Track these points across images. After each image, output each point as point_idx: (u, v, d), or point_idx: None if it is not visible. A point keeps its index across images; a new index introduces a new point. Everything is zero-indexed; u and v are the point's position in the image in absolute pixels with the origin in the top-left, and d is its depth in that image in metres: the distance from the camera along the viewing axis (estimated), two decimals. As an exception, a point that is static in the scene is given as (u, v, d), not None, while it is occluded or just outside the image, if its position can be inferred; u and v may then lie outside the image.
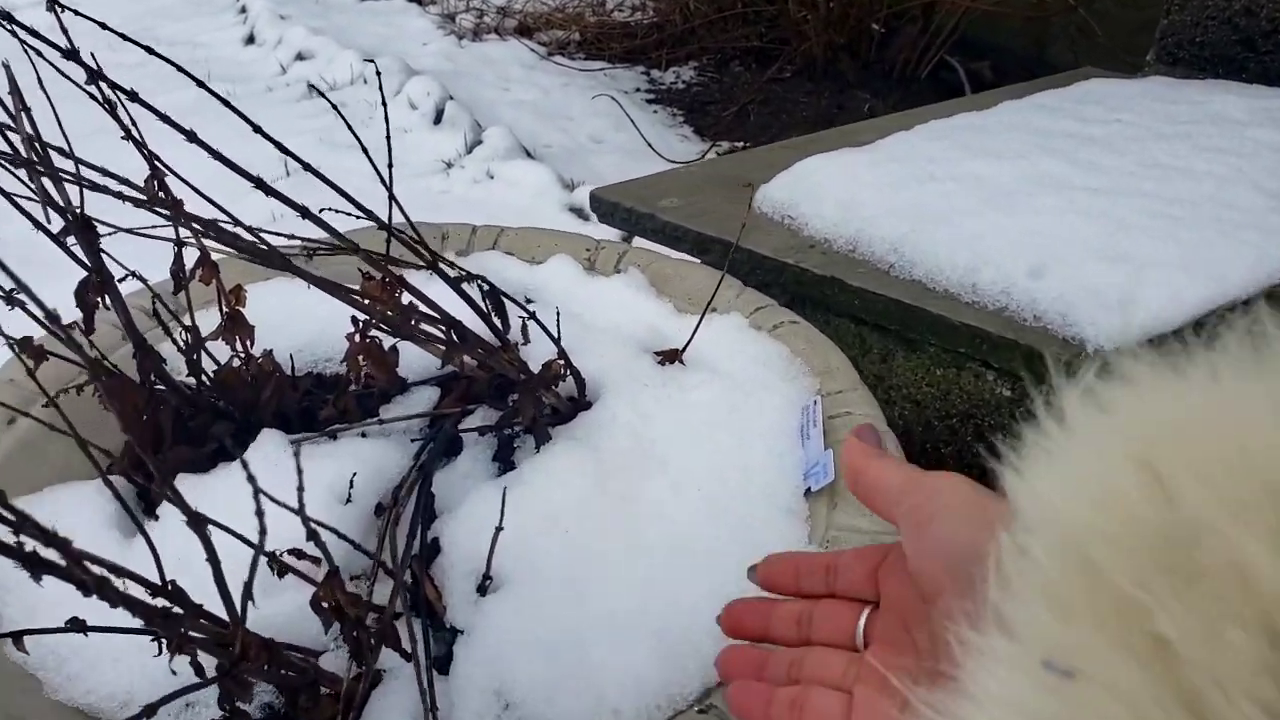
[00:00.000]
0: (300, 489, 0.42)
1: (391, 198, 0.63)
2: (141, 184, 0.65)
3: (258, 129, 0.57)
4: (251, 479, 0.39)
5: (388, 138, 0.65)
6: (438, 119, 3.13)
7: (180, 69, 0.60)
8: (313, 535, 0.46)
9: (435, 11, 4.31)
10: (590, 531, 0.63)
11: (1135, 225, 0.94)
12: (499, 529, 0.59)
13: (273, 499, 0.47)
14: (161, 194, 0.60)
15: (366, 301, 0.61)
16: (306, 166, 0.61)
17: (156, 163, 0.62)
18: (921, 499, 0.41)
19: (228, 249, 0.68)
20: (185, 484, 0.68)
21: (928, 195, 1.01)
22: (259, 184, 0.54)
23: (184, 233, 0.71)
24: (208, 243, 0.71)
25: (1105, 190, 1.00)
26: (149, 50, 0.63)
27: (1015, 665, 0.25)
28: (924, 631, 0.40)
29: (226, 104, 0.58)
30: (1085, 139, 1.13)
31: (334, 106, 0.70)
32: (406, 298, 0.69)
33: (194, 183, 0.79)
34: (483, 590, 0.59)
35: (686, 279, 0.92)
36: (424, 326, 0.65)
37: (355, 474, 0.65)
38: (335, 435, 0.71)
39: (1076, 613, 0.24)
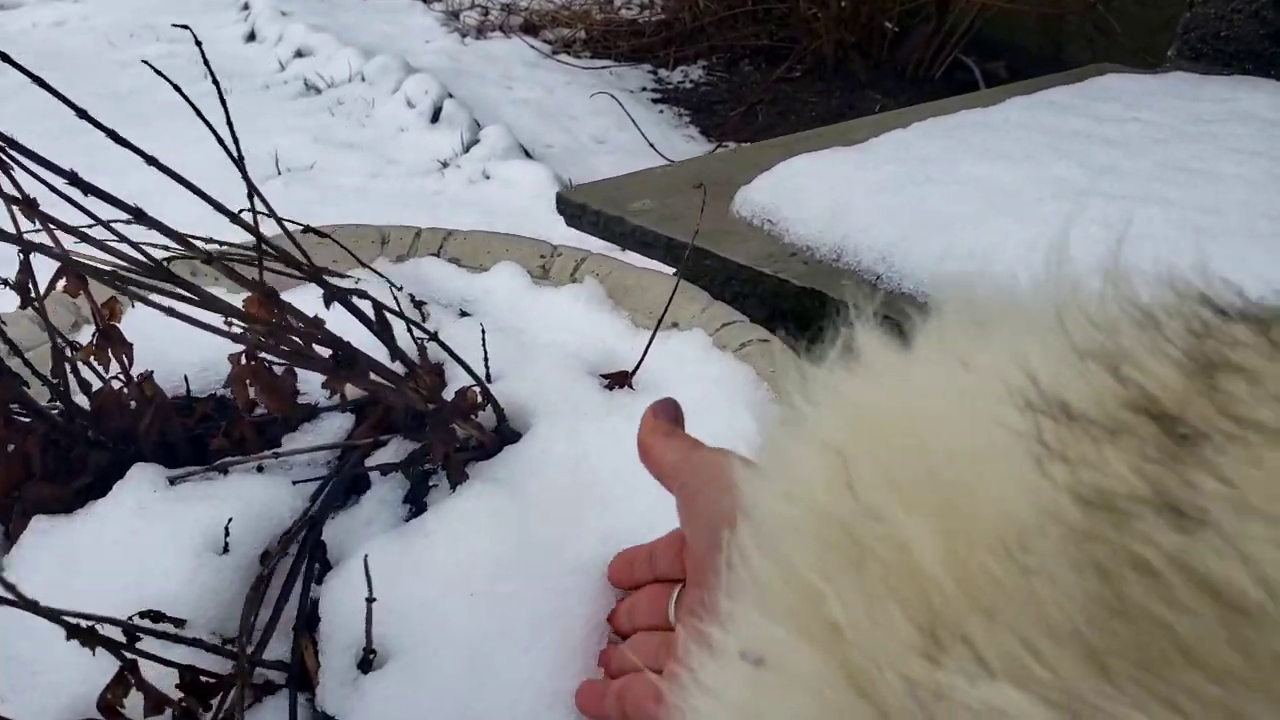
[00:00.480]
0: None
1: (252, 191, 0.53)
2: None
3: (150, 158, 0.48)
4: None
5: (232, 135, 0.56)
6: (435, 117, 3.04)
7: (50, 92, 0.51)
8: (75, 633, 0.36)
9: (440, 9, 4.23)
10: (505, 591, 0.54)
11: (1157, 236, 0.84)
12: (370, 600, 0.49)
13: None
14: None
15: (238, 320, 0.51)
16: (147, 158, 0.51)
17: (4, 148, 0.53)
18: (689, 475, 0.42)
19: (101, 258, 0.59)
20: (43, 526, 0.59)
21: (924, 199, 0.91)
22: (74, 178, 0.45)
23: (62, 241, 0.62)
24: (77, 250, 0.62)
25: (1124, 196, 0.90)
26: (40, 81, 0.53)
27: (724, 657, 0.26)
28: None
29: (94, 120, 0.49)
30: (1101, 140, 1.03)
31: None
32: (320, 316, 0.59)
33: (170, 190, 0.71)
34: (365, 666, 0.50)
35: (649, 290, 0.83)
36: (315, 349, 0.55)
37: (231, 520, 0.56)
38: (226, 470, 0.62)
39: (773, 604, 0.25)
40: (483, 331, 0.63)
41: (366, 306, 0.58)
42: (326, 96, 3.31)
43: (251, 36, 4.05)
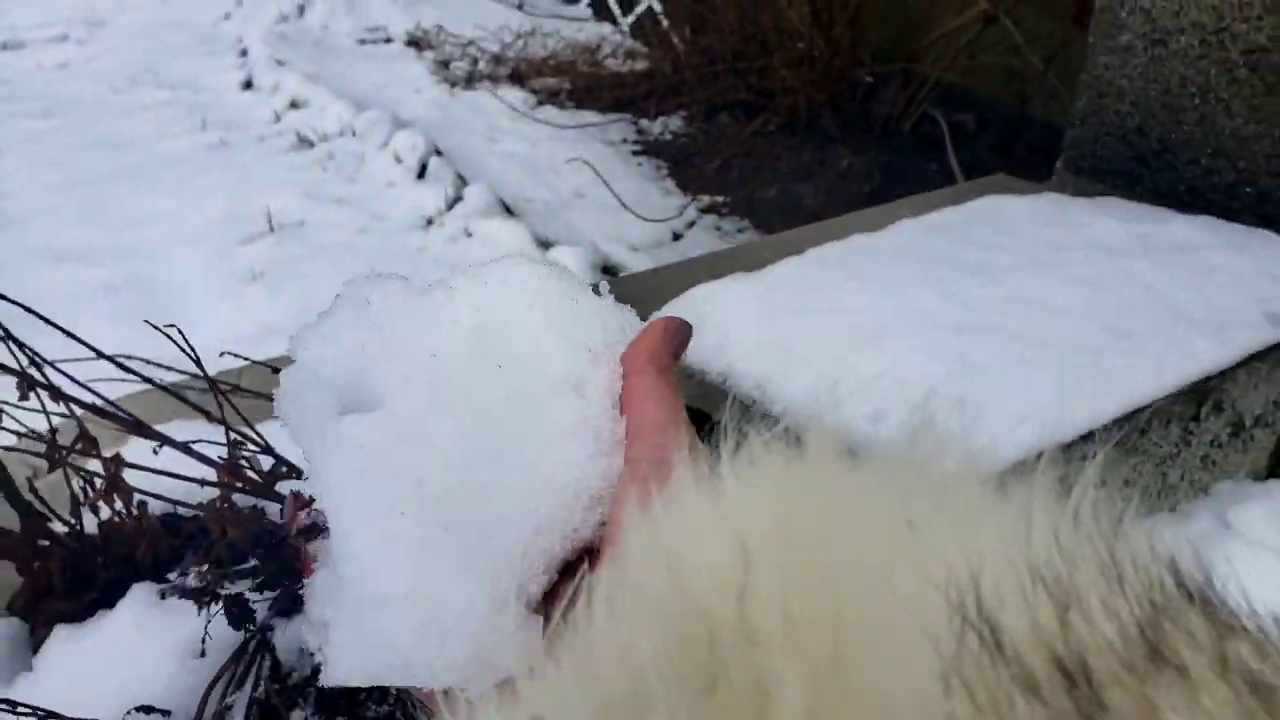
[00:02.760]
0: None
1: (197, 362, 0.70)
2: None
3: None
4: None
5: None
6: (421, 173, 3.22)
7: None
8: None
9: (431, 57, 4.42)
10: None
11: (985, 367, 1.01)
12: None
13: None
14: (36, 382, 0.69)
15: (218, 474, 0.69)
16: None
17: (31, 354, 0.70)
18: (646, 450, 0.34)
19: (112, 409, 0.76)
20: (64, 633, 0.76)
21: (801, 330, 1.08)
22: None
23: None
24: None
25: (968, 328, 1.07)
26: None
27: (521, 708, 0.24)
28: None
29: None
30: (965, 267, 1.20)
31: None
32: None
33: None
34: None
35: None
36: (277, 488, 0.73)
37: (208, 627, 0.73)
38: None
39: (595, 686, 0.22)
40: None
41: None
42: (318, 150, 3.49)
43: (248, 84, 4.23)
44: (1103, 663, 0.18)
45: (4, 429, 0.72)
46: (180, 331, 0.69)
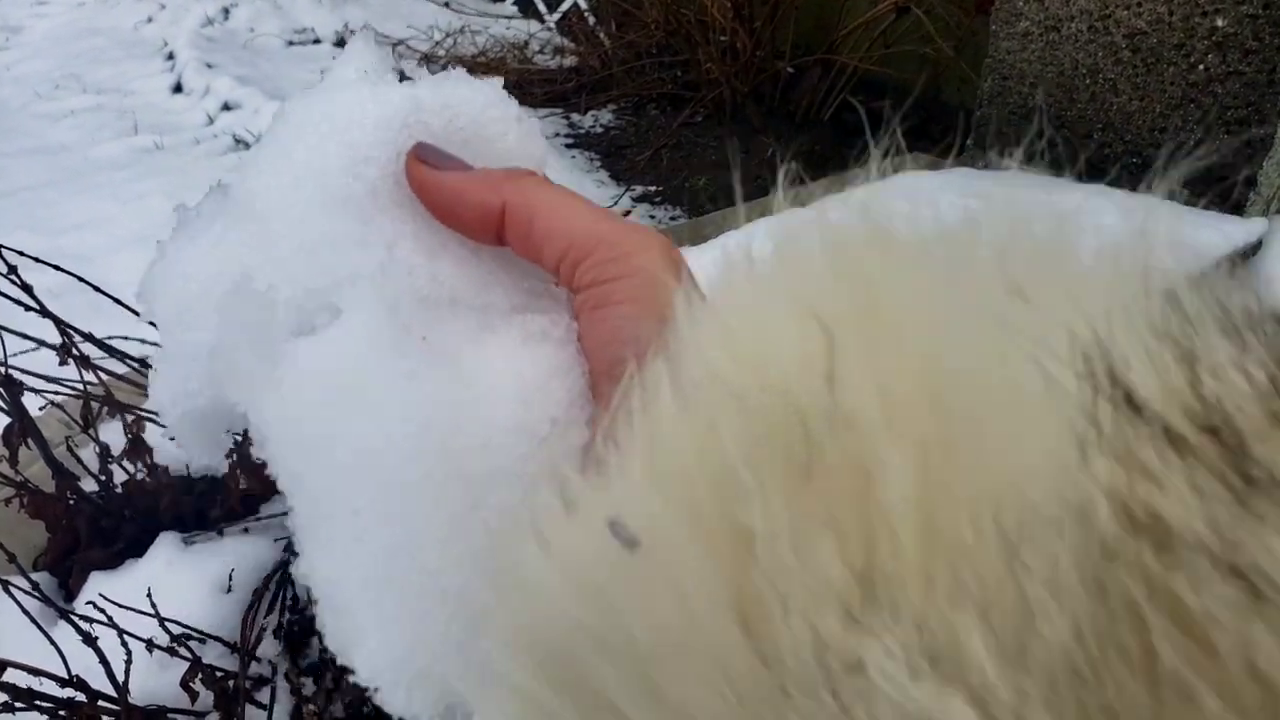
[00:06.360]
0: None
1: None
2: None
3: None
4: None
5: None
6: (361, 171, 3.28)
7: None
8: (176, 641, 0.62)
9: (362, 58, 4.45)
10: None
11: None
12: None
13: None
14: (74, 352, 0.77)
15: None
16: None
17: (70, 329, 0.78)
18: (604, 254, 0.30)
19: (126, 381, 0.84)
20: (100, 577, 0.85)
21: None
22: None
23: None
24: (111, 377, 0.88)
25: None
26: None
27: (585, 518, 0.22)
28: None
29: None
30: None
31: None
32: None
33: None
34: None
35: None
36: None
37: (232, 570, 0.82)
38: (222, 532, 0.88)
39: (673, 479, 0.20)
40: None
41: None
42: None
43: (178, 88, 4.22)
44: (1244, 418, 0.17)
45: (41, 389, 0.80)
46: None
